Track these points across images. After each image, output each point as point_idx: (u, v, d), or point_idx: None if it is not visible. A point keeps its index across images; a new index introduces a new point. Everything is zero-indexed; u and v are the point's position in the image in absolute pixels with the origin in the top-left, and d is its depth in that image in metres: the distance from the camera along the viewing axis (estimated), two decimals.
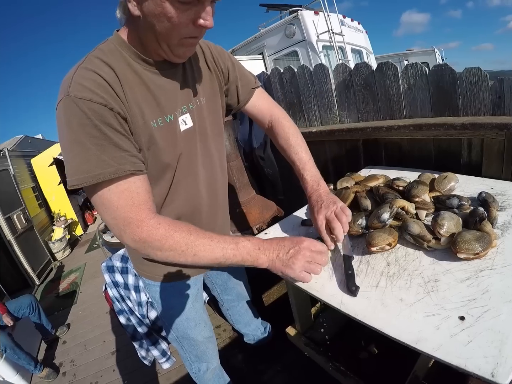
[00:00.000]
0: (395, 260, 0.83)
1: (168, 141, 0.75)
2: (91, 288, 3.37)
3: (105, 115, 0.62)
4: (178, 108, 0.77)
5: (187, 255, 0.70)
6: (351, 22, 5.89)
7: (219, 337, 1.86)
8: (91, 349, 2.27)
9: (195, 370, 1.23)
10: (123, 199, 0.66)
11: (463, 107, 1.23)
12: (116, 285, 1.29)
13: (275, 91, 1.99)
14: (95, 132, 0.62)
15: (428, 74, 1.29)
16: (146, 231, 0.68)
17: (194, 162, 0.85)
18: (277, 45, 5.33)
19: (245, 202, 1.90)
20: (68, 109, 0.61)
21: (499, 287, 0.66)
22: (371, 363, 1.18)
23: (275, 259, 0.73)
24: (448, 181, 1.07)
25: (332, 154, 1.82)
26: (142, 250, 0.71)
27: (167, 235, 0.69)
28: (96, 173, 0.62)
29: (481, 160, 1.20)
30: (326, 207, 0.88)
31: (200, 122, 0.84)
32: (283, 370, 1.51)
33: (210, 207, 0.95)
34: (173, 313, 1.08)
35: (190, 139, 0.82)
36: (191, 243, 0.70)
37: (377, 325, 0.64)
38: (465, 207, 0.93)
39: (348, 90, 1.60)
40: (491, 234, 0.78)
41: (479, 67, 1.15)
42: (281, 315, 1.53)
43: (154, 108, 0.73)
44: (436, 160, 1.34)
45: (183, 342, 1.15)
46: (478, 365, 0.51)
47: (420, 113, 1.36)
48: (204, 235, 0.72)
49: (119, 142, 0.65)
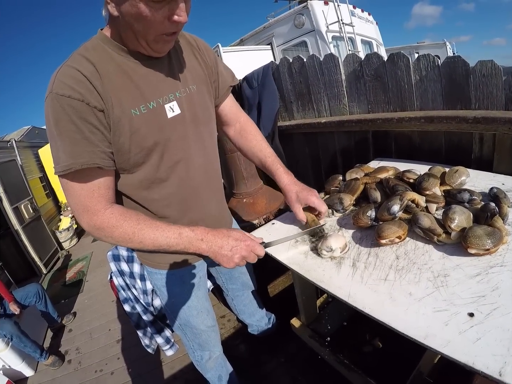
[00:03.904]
0: (405, 254, 0.82)
1: (151, 127, 0.79)
2: (97, 277, 3.40)
3: (82, 110, 0.69)
4: (164, 96, 0.81)
5: (134, 242, 0.79)
6: (361, 13, 5.78)
7: (224, 327, 1.87)
8: (96, 337, 2.29)
9: (197, 358, 1.25)
10: (85, 190, 0.75)
11: (476, 100, 1.19)
12: (122, 273, 1.30)
13: (284, 81, 1.96)
14: (72, 127, 0.69)
15: (440, 66, 1.25)
16: (100, 219, 0.76)
17: (186, 147, 0.88)
18: (286, 35, 5.27)
19: (253, 192, 1.90)
20: (51, 106, 0.68)
21: (510, 285, 0.65)
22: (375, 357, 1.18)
23: (217, 251, 0.82)
24: (459, 175, 1.05)
25: (341, 145, 1.80)
26: (96, 236, 0.79)
27: (117, 224, 0.77)
28: (68, 163, 0.69)
29: (493, 155, 1.17)
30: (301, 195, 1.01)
31: (190, 109, 0.88)
32: (286, 362, 1.52)
33: (205, 192, 0.98)
34: (175, 301, 1.10)
35: (178, 125, 0.85)
36: (138, 231, 0.78)
37: (385, 319, 0.64)
38: (476, 202, 0.92)
39: (358, 81, 1.57)
40: (502, 230, 0.77)
41: (493, 60, 1.11)
42: (285, 306, 1.54)
43: (136, 96, 0.77)
44: (447, 153, 1.32)
45: (186, 330, 1.17)
46: (486, 363, 0.51)
47: (432, 106, 1.33)
48: (150, 224, 0.79)
49: (92, 137, 0.71)
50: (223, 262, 0.82)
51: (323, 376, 1.32)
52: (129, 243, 0.79)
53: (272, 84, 2.00)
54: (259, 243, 0.86)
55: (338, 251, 0.87)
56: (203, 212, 0.99)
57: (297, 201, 1.02)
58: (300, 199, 1.01)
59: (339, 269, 0.84)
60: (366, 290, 0.74)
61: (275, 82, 2.00)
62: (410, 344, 0.60)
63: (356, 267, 0.82)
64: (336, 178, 1.27)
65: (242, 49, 4.76)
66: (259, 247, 0.85)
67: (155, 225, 0.80)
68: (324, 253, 0.88)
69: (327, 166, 1.96)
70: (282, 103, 2.06)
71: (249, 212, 1.86)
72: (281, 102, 2.05)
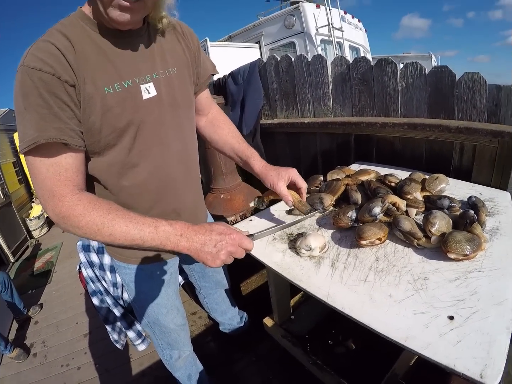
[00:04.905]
0: (384, 256, 0.81)
1: (125, 106, 0.74)
2: (66, 268, 3.26)
3: (52, 84, 0.64)
4: (141, 76, 0.77)
5: (103, 234, 0.68)
6: (351, 19, 5.91)
7: (194, 324, 1.82)
8: (63, 331, 2.20)
9: (166, 357, 1.20)
10: (51, 172, 0.68)
11: (459, 111, 1.22)
12: (91, 265, 1.22)
13: (270, 79, 1.94)
14: (40, 101, 0.64)
15: (427, 75, 1.27)
16: (66, 206, 0.68)
17: (162, 132, 0.83)
18: (275, 35, 5.30)
19: (231, 188, 1.87)
20: (20, 79, 0.64)
21: (487, 290, 0.65)
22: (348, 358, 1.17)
23: (199, 248, 0.70)
24: (439, 182, 1.07)
25: (323, 147, 1.80)
26: (62, 225, 0.70)
27: (85, 212, 0.68)
28: (33, 136, 0.64)
29: (472, 165, 1.20)
30: (282, 173, 0.97)
31: (169, 92, 0.83)
32: (258, 361, 1.49)
33: (182, 180, 0.93)
34: (144, 298, 1.04)
35: (154, 108, 0.80)
36: (108, 222, 0.68)
37: (365, 320, 0.62)
38: (455, 209, 0.93)
39: (344, 84, 1.57)
40: (481, 237, 0.78)
41: (479, 72, 1.14)
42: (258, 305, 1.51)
43: (111, 74, 0.73)
44: (427, 161, 1.34)
45: (155, 328, 1.12)
46: (467, 366, 0.51)
47: (416, 113, 1.35)
48: (123, 215, 0.70)
49: (60, 113, 0.66)
50: (207, 261, 0.71)
51: (295, 376, 1.31)
52: (98, 235, 0.69)
53: (258, 81, 1.98)
54: (246, 236, 0.77)
55: (317, 251, 0.85)
56: (177, 203, 0.94)
57: (279, 179, 0.96)
58: (282, 176, 0.96)
59: (318, 269, 0.82)
60: (345, 290, 0.72)
61: (261, 79, 1.98)
62: (385, 346, 0.59)
63: (335, 267, 0.81)
64: (317, 178, 1.26)
65: (230, 45, 4.73)
66: (247, 240, 0.74)
67: (129, 216, 0.70)
68: (303, 252, 0.86)
69: (307, 167, 1.96)
70: (266, 101, 2.04)
71: (226, 208, 1.83)
72: (265, 100, 2.04)
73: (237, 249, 0.72)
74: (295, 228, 1.02)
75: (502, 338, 0.55)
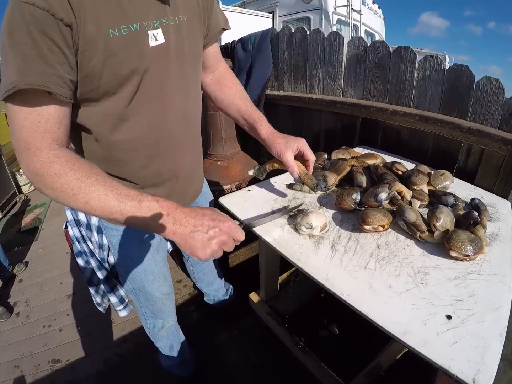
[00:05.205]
0: (386, 244, 0.81)
1: (130, 52, 0.66)
2: (54, 226, 3.14)
3: (44, 22, 0.55)
4: (149, 21, 0.68)
5: (78, 201, 0.59)
6: (372, 4, 5.72)
7: (179, 292, 1.82)
8: (47, 290, 2.15)
9: (149, 326, 1.17)
10: (29, 121, 0.59)
11: (473, 113, 1.19)
12: (78, 223, 1.16)
13: (281, 50, 1.85)
14: (28, 40, 0.55)
15: (446, 71, 1.23)
16: (41, 162, 0.59)
17: (165, 83, 0.76)
18: (291, 7, 5.05)
19: (228, 156, 1.82)
20: (9, 14, 0.56)
21: (485, 294, 0.65)
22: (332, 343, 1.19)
23: (187, 234, 0.61)
24: (444, 179, 1.05)
25: (327, 126, 1.75)
26: (35, 184, 0.62)
27: (61, 172, 0.59)
28: (13, 80, 0.55)
29: (476, 168, 1.19)
30: (291, 141, 0.92)
31: (177, 41, 0.75)
32: (240, 335, 1.50)
33: (182, 138, 0.86)
34: (130, 263, 0.99)
35: (160, 57, 0.72)
36: (86, 187, 0.59)
37: (364, 310, 0.62)
38: (458, 208, 0.93)
39: (359, 65, 1.51)
40: (483, 239, 0.78)
41: (499, 79, 1.11)
42: (244, 278, 1.51)
43: (117, 14, 0.63)
44: (432, 156, 1.32)
45: (139, 295, 1.08)
46: (461, 369, 0.51)
47: (428, 107, 1.32)
48: (104, 181, 0.60)
49: (49, 55, 0.57)
50: (196, 249, 0.61)
51: (275, 354, 1.32)
52: (72, 201, 0.60)
53: (269, 50, 1.89)
54: (238, 225, 0.68)
55: (318, 230, 0.83)
56: (175, 161, 0.88)
57: (287, 148, 0.90)
58: (290, 145, 0.91)
59: (317, 249, 0.80)
60: (345, 275, 0.71)
61: (272, 49, 1.89)
62: (369, 335, 0.58)
63: (336, 250, 0.80)
64: (321, 155, 1.24)
65: (242, 11, 4.49)
66: (240, 231, 0.66)
67: (110, 184, 0.60)
68: (303, 229, 0.84)
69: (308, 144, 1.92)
70: (274, 72, 1.97)
71: (222, 176, 1.78)
72: (273, 71, 1.96)
73: (230, 240, 0.64)
74: (296, 204, 0.99)
75: (496, 344, 0.55)
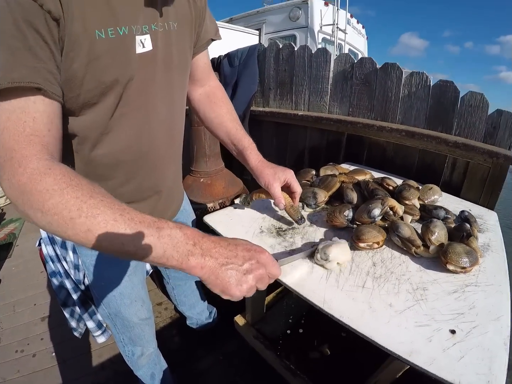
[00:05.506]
0: (381, 261, 0.78)
1: (116, 58, 0.60)
2: (29, 242, 2.93)
3: (31, 11, 0.48)
4: (138, 25, 0.62)
5: (77, 227, 0.45)
6: (356, 24, 5.99)
7: (159, 316, 1.72)
8: (20, 312, 1.98)
9: (128, 353, 1.08)
10: (12, 121, 0.48)
11: (457, 127, 1.23)
12: (53, 241, 1.06)
13: (268, 66, 1.87)
14: (13, 30, 0.48)
15: (431, 87, 1.27)
16: (28, 173, 0.46)
17: (150, 93, 0.70)
18: (277, 24, 5.21)
19: (212, 173, 1.77)
20: None
21: (484, 305, 0.65)
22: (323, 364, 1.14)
23: (218, 268, 0.49)
24: (433, 193, 1.06)
25: (312, 142, 1.76)
26: (19, 207, 0.47)
27: (55, 188, 0.45)
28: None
29: (461, 181, 1.21)
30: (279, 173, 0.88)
31: (165, 49, 0.70)
32: (225, 360, 1.42)
33: (164, 152, 0.81)
34: (105, 286, 0.91)
35: (147, 65, 0.66)
36: (88, 210, 0.45)
37: (366, 332, 0.58)
38: (449, 221, 0.93)
39: (345, 82, 1.54)
40: (477, 251, 0.77)
41: (483, 93, 1.15)
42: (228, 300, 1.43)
43: (106, 15, 0.57)
44: (418, 171, 1.34)
45: (116, 321, 0.99)
46: (471, 382, 0.49)
47: (414, 122, 1.34)
48: (112, 204, 0.47)
49: (37, 49, 0.50)
50: (230, 286, 0.50)
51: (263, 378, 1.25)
52: (69, 228, 0.45)
53: (255, 66, 1.90)
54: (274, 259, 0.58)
55: (334, 264, 0.73)
56: (158, 179, 0.82)
57: (275, 179, 0.86)
58: (278, 177, 0.86)
59: (311, 269, 0.75)
60: (342, 296, 0.67)
61: (258, 65, 1.90)
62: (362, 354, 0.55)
63: (330, 270, 0.76)
64: (309, 172, 1.22)
65: (230, 27, 4.56)
66: (276, 265, 0.56)
67: (119, 206, 0.47)
68: (317, 258, 0.75)
69: (292, 161, 1.91)
70: (260, 88, 1.97)
71: (205, 194, 1.73)
72: (259, 87, 1.96)
73: (266, 275, 0.54)
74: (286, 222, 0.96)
75: (502, 354, 0.54)
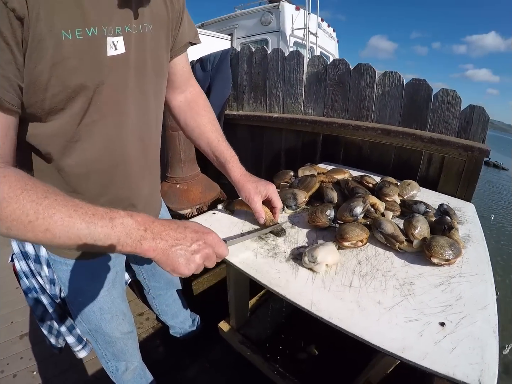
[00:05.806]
0: (366, 259, 0.77)
1: (83, 61, 0.56)
2: (2, 258, 2.75)
3: None
4: (110, 27, 0.59)
5: (36, 228, 0.47)
6: (327, 27, 6.11)
7: (141, 327, 1.65)
8: None
9: (112, 369, 1.03)
10: None
11: (431, 124, 1.26)
12: (26, 256, 0.99)
13: (241, 70, 1.86)
14: None
15: (404, 85, 1.29)
16: None
17: (122, 100, 0.66)
18: (249, 29, 5.27)
19: (188, 178, 1.72)
20: None
21: (471, 295, 0.65)
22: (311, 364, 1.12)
23: (168, 249, 0.53)
24: (411, 188, 1.08)
25: (288, 144, 1.76)
26: None
27: (11, 195, 0.46)
28: None
29: (438, 176, 1.24)
30: (261, 188, 0.87)
31: (138, 52, 0.66)
32: (211, 367, 1.38)
33: (139, 163, 0.77)
34: (84, 301, 0.86)
35: (119, 69, 0.63)
36: (44, 211, 0.47)
37: (357, 332, 0.56)
38: (430, 215, 0.94)
39: (319, 83, 1.55)
40: (460, 243, 0.78)
41: (455, 90, 1.19)
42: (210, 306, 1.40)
43: (74, 15, 0.54)
44: (394, 168, 1.36)
45: (97, 337, 0.94)
46: (465, 373, 0.48)
47: (388, 121, 1.37)
48: (65, 201, 0.49)
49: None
50: (179, 265, 0.54)
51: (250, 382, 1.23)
52: (28, 230, 0.47)
53: (228, 70, 1.88)
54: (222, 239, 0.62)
55: (322, 267, 0.72)
56: (132, 189, 0.78)
57: (256, 193, 0.85)
58: (260, 191, 0.85)
59: (296, 272, 0.73)
60: (330, 297, 0.65)
61: (231, 69, 1.89)
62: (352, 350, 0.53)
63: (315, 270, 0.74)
64: (287, 173, 1.20)
65: (201, 32, 4.55)
66: (224, 245, 0.60)
67: (73, 203, 0.49)
68: (305, 260, 0.73)
69: (268, 163, 1.90)
70: (234, 91, 1.96)
71: (181, 200, 1.68)
72: (232, 91, 1.95)
73: (213, 255, 0.58)
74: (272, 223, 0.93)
75: (492, 341, 0.54)
